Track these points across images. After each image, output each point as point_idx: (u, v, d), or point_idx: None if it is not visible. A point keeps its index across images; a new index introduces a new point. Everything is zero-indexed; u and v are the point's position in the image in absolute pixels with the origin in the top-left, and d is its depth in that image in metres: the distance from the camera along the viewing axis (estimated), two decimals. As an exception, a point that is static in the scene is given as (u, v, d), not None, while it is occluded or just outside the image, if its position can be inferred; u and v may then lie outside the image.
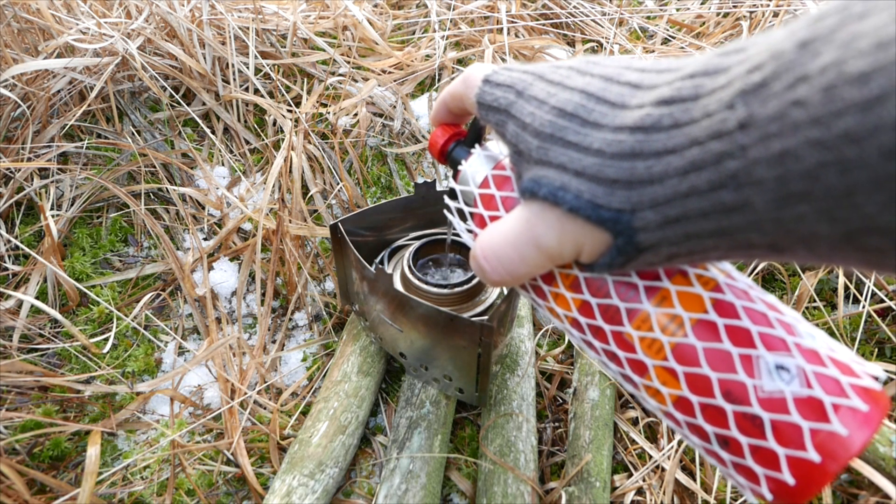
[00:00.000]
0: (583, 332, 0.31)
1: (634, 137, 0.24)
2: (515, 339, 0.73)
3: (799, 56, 0.19)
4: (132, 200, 0.80)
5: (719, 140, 0.21)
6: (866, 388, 0.26)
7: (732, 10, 1.21)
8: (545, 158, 0.28)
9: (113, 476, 0.63)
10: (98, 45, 0.82)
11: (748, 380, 0.26)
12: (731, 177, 0.21)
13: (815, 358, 0.26)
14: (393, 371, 0.74)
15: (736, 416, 0.26)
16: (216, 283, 0.79)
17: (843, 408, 0.25)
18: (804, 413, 0.25)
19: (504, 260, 0.30)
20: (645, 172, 0.24)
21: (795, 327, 0.27)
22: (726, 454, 0.27)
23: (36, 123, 0.83)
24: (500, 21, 1.07)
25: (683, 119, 0.23)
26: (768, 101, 0.20)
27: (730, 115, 0.21)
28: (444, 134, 0.40)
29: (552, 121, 0.28)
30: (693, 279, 0.28)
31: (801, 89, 0.19)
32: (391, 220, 0.73)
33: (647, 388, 0.29)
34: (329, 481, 0.60)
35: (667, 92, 0.24)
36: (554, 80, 0.29)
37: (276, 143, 0.92)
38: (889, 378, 0.73)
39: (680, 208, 0.23)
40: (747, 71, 0.21)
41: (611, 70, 0.28)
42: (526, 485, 0.61)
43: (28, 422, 0.64)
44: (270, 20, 0.99)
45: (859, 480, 0.63)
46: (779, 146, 0.19)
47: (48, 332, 0.72)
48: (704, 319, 0.27)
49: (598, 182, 0.25)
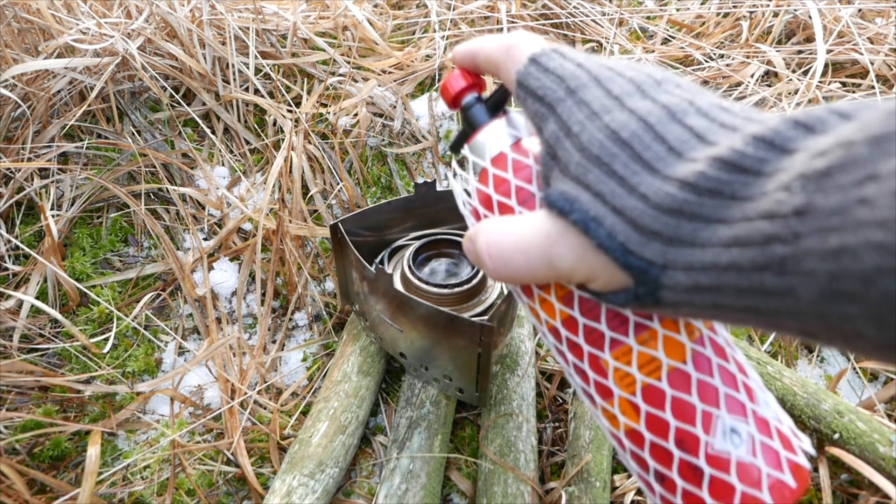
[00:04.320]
0: (559, 341, 0.31)
1: (684, 195, 0.23)
2: (515, 339, 0.73)
3: (870, 152, 0.18)
4: (132, 200, 0.80)
5: (771, 221, 0.20)
6: (798, 465, 0.28)
7: (732, 11, 1.21)
8: (584, 179, 0.26)
9: (113, 476, 0.63)
10: (98, 46, 0.82)
11: (703, 435, 0.27)
12: (778, 262, 0.20)
13: (765, 428, 0.28)
14: (393, 371, 0.74)
15: (681, 462, 0.28)
16: (216, 283, 0.79)
17: (776, 480, 0.27)
18: (742, 478, 0.27)
19: (510, 264, 0.29)
20: (689, 234, 0.23)
21: (756, 393, 0.29)
22: (658, 487, 0.29)
23: (36, 123, 0.83)
24: (500, 21, 1.07)
25: (741, 193, 0.22)
26: (831, 193, 0.19)
27: (787, 198, 0.20)
28: (465, 80, 0.36)
29: (602, 142, 0.26)
30: (681, 326, 0.29)
31: (870, 188, 0.18)
32: (391, 220, 0.73)
33: (605, 412, 0.30)
34: (329, 481, 0.60)
35: (727, 154, 0.23)
36: (612, 91, 0.27)
37: (276, 143, 0.92)
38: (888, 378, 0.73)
39: (715, 279, 0.22)
40: (812, 155, 0.20)
41: (674, 101, 0.26)
42: (526, 485, 0.61)
43: (28, 422, 0.64)
44: (270, 20, 0.99)
45: (859, 480, 0.63)
46: (836, 241, 0.18)
47: (48, 332, 0.72)
48: (681, 369, 0.28)
49: (636, 228, 0.24)
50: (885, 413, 0.68)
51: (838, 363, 0.76)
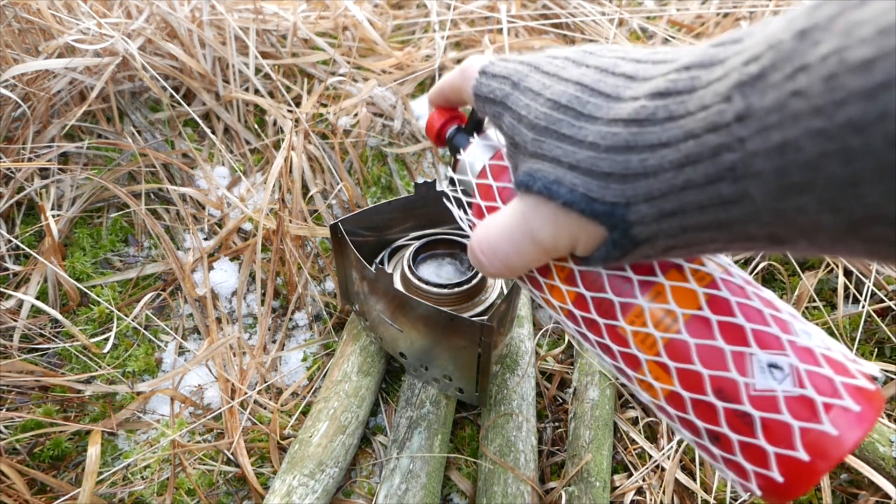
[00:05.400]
0: (578, 324, 0.31)
1: (629, 130, 0.24)
2: (515, 339, 0.73)
3: (798, 45, 0.19)
4: (132, 200, 0.80)
5: (716, 133, 0.21)
6: (860, 387, 0.25)
7: (732, 11, 1.21)
8: (540, 151, 0.27)
9: (113, 476, 0.63)
10: (98, 46, 0.82)
11: (740, 378, 0.25)
12: (729, 169, 0.21)
13: (808, 356, 0.26)
14: (393, 371, 0.74)
15: (727, 413, 0.26)
16: (216, 283, 0.79)
17: (835, 408, 0.24)
18: (795, 412, 0.25)
19: (500, 253, 0.30)
20: (639, 166, 0.23)
21: (791, 324, 0.27)
22: (717, 449, 0.27)
23: (36, 123, 0.83)
24: (500, 21, 1.07)
25: (679, 112, 0.23)
26: (767, 93, 0.19)
27: (727, 107, 0.21)
28: (442, 117, 0.40)
29: (547, 113, 0.27)
30: (688, 274, 0.28)
31: (801, 79, 0.18)
32: (391, 220, 0.73)
33: (641, 382, 0.29)
34: (329, 481, 0.60)
35: (662, 84, 0.24)
36: (549, 70, 0.29)
37: (276, 143, 0.92)
38: (888, 378, 0.73)
39: (676, 202, 0.23)
40: (744, 62, 0.21)
41: (606, 61, 0.27)
42: (526, 485, 0.61)
43: (28, 422, 0.64)
44: (270, 20, 0.99)
45: (859, 480, 0.63)
46: (779, 137, 0.19)
47: (49, 332, 0.72)
48: (698, 315, 0.27)
49: (593, 176, 0.25)
50: (884, 413, 0.68)
51: (838, 363, 0.76)
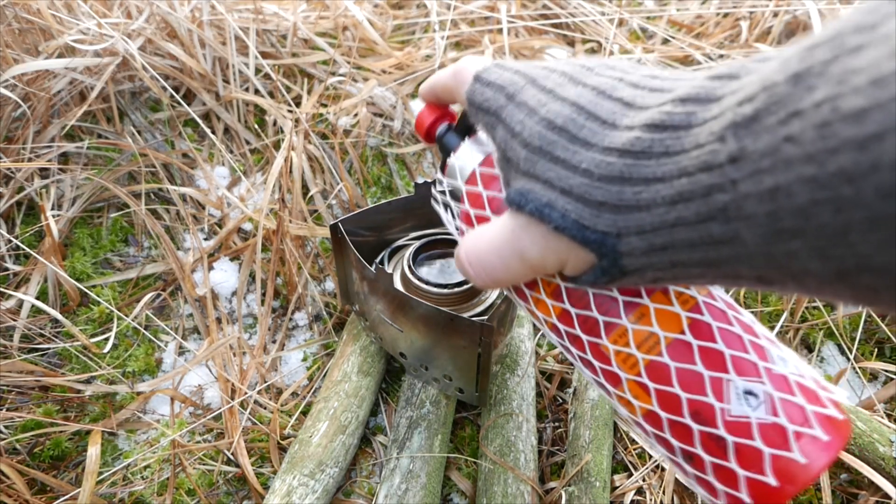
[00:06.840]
0: (561, 337, 0.32)
1: (623, 161, 0.24)
2: (515, 339, 0.73)
3: (792, 90, 0.19)
4: (133, 200, 0.80)
5: (709, 172, 0.21)
6: (829, 416, 0.26)
7: (732, 11, 1.21)
8: (532, 171, 0.27)
9: (113, 476, 0.63)
10: (98, 46, 0.83)
11: (717, 403, 0.26)
12: (721, 210, 0.21)
13: (783, 384, 0.27)
14: (393, 371, 0.74)
15: (702, 435, 0.27)
16: (216, 283, 0.79)
17: (805, 436, 0.25)
18: (767, 439, 0.25)
19: (487, 267, 0.30)
20: (633, 198, 0.23)
21: (768, 351, 0.28)
22: (690, 468, 0.28)
23: (36, 123, 0.83)
24: (500, 21, 1.07)
25: (675, 148, 0.23)
26: (760, 136, 0.19)
27: (720, 147, 0.21)
28: (432, 114, 0.39)
29: (541, 133, 0.27)
30: (672, 297, 0.29)
31: (795, 125, 0.18)
32: (391, 220, 0.73)
33: (620, 398, 0.30)
34: (329, 481, 0.60)
35: (657, 116, 0.24)
36: (546, 86, 0.29)
37: (276, 143, 0.92)
38: (888, 378, 0.73)
39: (667, 237, 0.23)
40: (738, 102, 0.21)
41: (604, 81, 0.27)
42: (526, 484, 0.61)
43: (28, 422, 0.64)
44: (270, 20, 0.99)
45: (859, 480, 0.63)
46: (771, 182, 0.19)
47: (49, 332, 0.72)
48: (680, 339, 0.28)
49: (585, 203, 0.25)
50: (884, 413, 0.68)
51: (838, 363, 0.76)
